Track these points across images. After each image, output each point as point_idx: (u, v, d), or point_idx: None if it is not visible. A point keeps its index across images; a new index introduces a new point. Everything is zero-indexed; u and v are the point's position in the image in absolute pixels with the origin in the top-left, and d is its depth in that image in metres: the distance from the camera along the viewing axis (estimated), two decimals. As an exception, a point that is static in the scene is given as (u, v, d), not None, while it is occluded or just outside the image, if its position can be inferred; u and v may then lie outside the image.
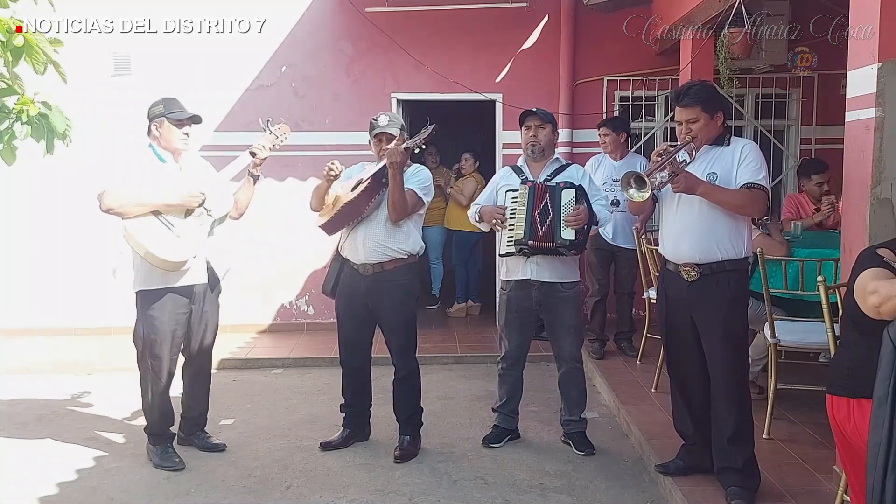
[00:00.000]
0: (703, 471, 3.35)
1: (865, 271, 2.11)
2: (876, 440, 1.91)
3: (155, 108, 3.73)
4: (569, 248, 3.63)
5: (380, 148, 3.80)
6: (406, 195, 3.71)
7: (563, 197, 3.66)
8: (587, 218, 3.63)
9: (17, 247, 6.60)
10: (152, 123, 3.72)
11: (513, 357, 3.99)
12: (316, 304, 6.75)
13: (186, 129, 3.73)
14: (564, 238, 3.60)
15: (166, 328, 3.70)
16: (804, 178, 5.20)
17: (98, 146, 5.89)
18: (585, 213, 3.62)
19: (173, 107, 3.73)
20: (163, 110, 3.70)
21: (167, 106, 3.71)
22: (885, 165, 2.91)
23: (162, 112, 3.69)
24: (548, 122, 3.87)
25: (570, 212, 3.60)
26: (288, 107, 6.51)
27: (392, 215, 3.72)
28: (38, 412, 4.69)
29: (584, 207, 3.63)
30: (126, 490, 3.55)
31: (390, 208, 3.71)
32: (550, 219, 3.64)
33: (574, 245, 3.63)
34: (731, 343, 3.14)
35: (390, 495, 3.47)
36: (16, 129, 2.54)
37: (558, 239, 3.61)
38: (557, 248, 3.62)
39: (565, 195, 3.66)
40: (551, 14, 6.55)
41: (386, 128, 3.79)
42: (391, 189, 3.67)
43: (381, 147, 3.80)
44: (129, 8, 6.20)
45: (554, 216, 3.63)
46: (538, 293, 3.81)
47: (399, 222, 3.77)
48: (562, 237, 3.60)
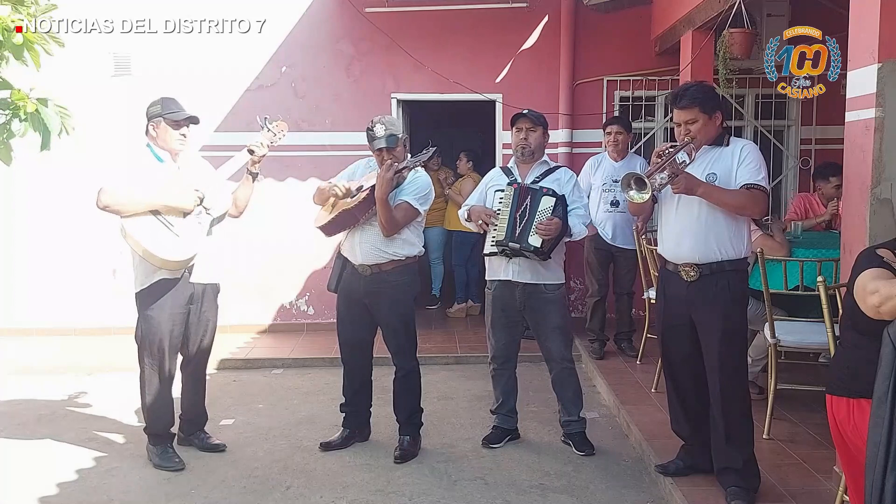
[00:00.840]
0: (703, 471, 3.35)
1: (865, 271, 2.11)
2: (875, 440, 1.91)
3: (153, 108, 3.72)
4: (533, 252, 3.64)
5: (381, 159, 3.75)
6: (398, 209, 3.69)
7: (541, 203, 3.67)
8: (558, 231, 3.62)
9: (17, 247, 6.60)
10: (150, 123, 3.71)
11: (502, 356, 3.98)
12: (316, 304, 6.75)
13: (184, 129, 3.73)
14: (530, 243, 3.61)
15: (165, 328, 3.70)
16: (822, 179, 5.17)
17: (98, 146, 5.89)
18: (558, 225, 3.61)
19: (171, 107, 3.71)
20: (160, 110, 3.69)
21: (165, 106, 3.70)
22: (885, 165, 2.91)
23: (159, 112, 3.69)
24: (539, 124, 3.85)
25: (542, 220, 3.61)
26: (288, 107, 6.51)
27: (384, 233, 3.70)
28: (38, 412, 4.69)
29: (559, 220, 3.62)
30: (126, 490, 3.55)
31: (381, 227, 3.68)
32: (524, 222, 3.65)
33: (538, 252, 3.63)
34: (731, 343, 3.14)
35: (390, 495, 3.47)
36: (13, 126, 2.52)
37: (524, 241, 3.62)
38: (521, 249, 3.63)
39: (544, 202, 3.67)
40: (551, 14, 6.55)
41: (383, 140, 3.70)
42: (379, 213, 3.63)
43: (382, 157, 3.74)
44: (129, 8, 6.19)
45: (528, 219, 3.64)
46: (522, 294, 3.81)
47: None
48: (528, 241, 3.61)
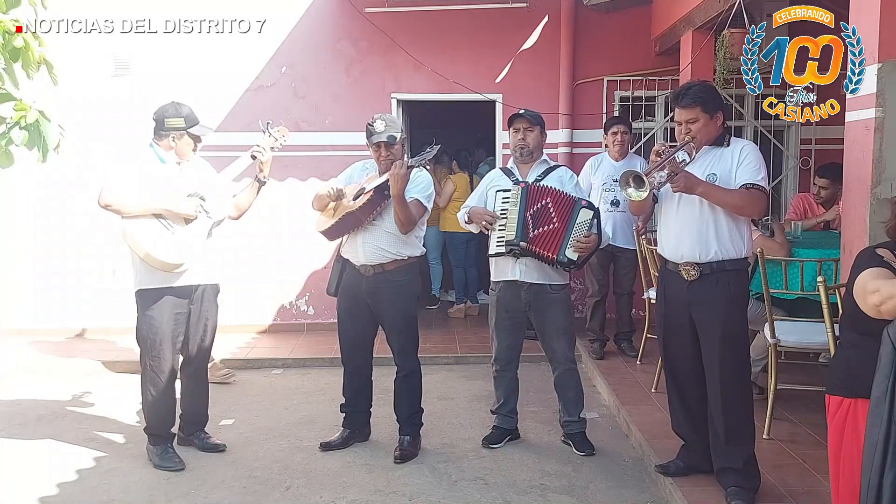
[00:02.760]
0: (703, 471, 3.35)
1: (866, 271, 2.11)
2: (873, 439, 1.91)
3: (175, 121, 3.68)
4: (567, 266, 3.64)
5: (379, 154, 3.77)
6: (412, 206, 3.71)
7: (580, 215, 3.64)
8: (595, 246, 3.65)
9: (17, 247, 6.60)
10: (170, 134, 3.69)
11: (504, 358, 3.98)
12: (316, 304, 6.75)
13: (202, 141, 3.79)
14: (568, 257, 3.60)
15: (165, 328, 3.70)
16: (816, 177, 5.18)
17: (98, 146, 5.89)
18: (596, 241, 3.63)
19: (192, 119, 3.72)
20: (184, 125, 3.68)
21: (187, 119, 3.70)
22: (885, 165, 2.91)
23: (184, 127, 3.69)
24: (536, 123, 3.85)
25: (581, 237, 3.60)
26: (288, 107, 6.51)
27: (402, 230, 3.73)
28: (38, 412, 4.69)
29: (596, 235, 3.64)
30: (126, 490, 3.55)
31: (398, 225, 3.71)
32: (555, 230, 3.62)
33: (573, 265, 3.64)
34: (731, 343, 3.13)
35: (390, 495, 3.47)
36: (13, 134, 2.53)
37: (561, 255, 3.60)
38: (557, 261, 3.62)
39: (583, 214, 3.64)
40: (551, 14, 6.55)
41: (382, 135, 3.73)
42: (397, 211, 3.65)
43: (380, 154, 3.77)
44: (129, 8, 6.20)
45: (564, 230, 3.61)
46: (527, 294, 3.80)
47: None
48: (565, 254, 3.60)
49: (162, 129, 3.71)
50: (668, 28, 5.96)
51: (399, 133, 3.78)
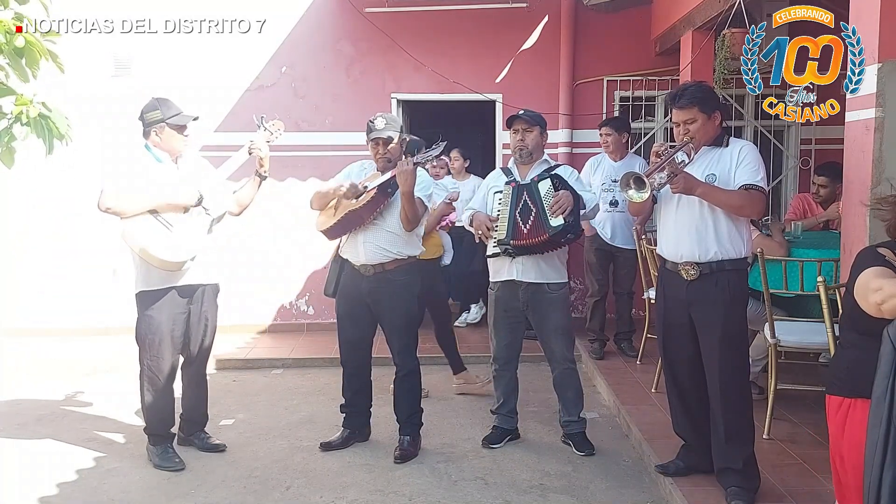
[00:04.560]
0: (703, 471, 3.35)
1: (868, 269, 2.11)
2: (873, 438, 1.91)
3: (153, 115, 3.69)
4: (563, 233, 3.55)
5: (377, 151, 3.79)
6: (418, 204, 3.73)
7: (540, 189, 3.64)
8: (571, 201, 3.56)
9: (16, 247, 6.60)
10: (152, 129, 3.69)
11: (503, 357, 3.98)
12: (316, 305, 6.75)
13: (186, 130, 3.76)
14: (554, 226, 3.54)
15: (165, 328, 3.70)
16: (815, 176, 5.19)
17: (98, 146, 5.89)
18: (567, 196, 3.56)
19: (171, 110, 3.71)
20: (161, 116, 3.67)
21: (165, 111, 3.69)
22: (885, 165, 2.91)
23: (161, 118, 3.68)
24: (535, 124, 3.83)
25: (550, 200, 3.58)
26: (288, 107, 6.51)
27: (406, 228, 3.75)
28: (38, 412, 4.69)
29: (566, 192, 3.58)
30: (126, 490, 3.55)
31: (404, 223, 3.72)
32: (535, 214, 3.60)
33: (567, 228, 3.55)
34: (731, 343, 3.13)
35: (390, 495, 3.47)
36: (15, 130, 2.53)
37: (549, 229, 3.54)
38: (552, 238, 3.55)
39: (542, 186, 3.64)
40: (551, 14, 6.55)
41: (382, 132, 3.75)
42: (406, 209, 3.67)
43: (378, 150, 3.78)
44: (129, 8, 6.20)
45: (538, 210, 3.60)
46: (525, 294, 3.80)
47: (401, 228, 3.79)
48: (551, 226, 3.55)
49: (145, 126, 3.72)
50: (668, 28, 5.96)
51: (398, 133, 3.79)
